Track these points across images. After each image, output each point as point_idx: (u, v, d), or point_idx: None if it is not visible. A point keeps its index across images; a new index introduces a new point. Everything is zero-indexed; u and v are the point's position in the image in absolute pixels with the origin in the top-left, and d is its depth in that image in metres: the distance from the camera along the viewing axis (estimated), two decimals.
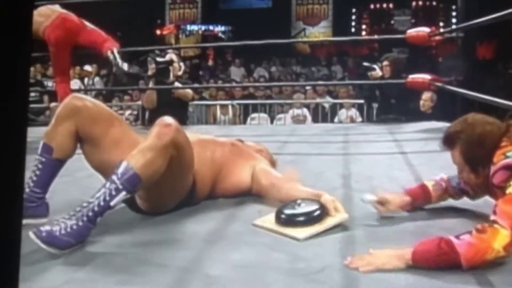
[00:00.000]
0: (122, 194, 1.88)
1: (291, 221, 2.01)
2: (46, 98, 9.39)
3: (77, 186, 2.59)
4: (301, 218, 2.00)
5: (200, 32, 17.65)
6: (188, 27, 17.80)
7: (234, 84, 10.15)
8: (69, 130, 2.13)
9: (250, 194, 2.43)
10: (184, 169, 2.15)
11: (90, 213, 1.84)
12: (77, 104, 2.17)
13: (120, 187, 1.87)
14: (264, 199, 2.33)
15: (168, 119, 2.04)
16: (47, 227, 1.79)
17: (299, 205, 2.05)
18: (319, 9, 17.14)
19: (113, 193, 1.87)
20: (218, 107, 7.80)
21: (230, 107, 7.75)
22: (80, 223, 1.83)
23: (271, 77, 12.41)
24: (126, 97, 9.21)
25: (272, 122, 7.60)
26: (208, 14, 17.89)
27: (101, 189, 1.89)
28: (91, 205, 1.85)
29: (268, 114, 7.79)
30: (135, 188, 1.93)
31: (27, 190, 2.08)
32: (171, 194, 2.22)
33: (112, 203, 1.87)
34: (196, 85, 7.92)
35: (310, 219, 1.99)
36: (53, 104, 7.82)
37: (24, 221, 1.99)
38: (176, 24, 17.58)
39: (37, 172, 2.10)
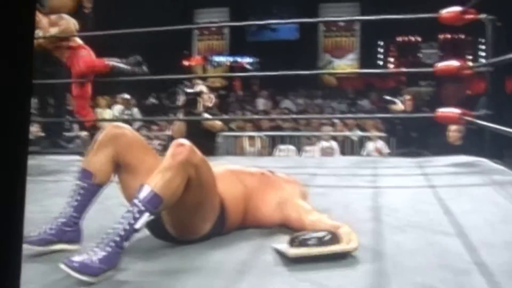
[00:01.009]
0: (145, 216, 1.94)
1: (298, 242, 2.01)
2: (76, 127, 9.56)
3: (107, 214, 2.62)
4: (310, 241, 2.00)
5: (227, 63, 17.82)
6: (216, 59, 17.99)
7: (262, 115, 10.21)
8: (109, 156, 2.23)
9: (279, 225, 2.44)
10: (205, 188, 2.19)
11: (117, 238, 1.89)
12: (116, 131, 2.28)
13: (142, 208, 1.93)
14: (291, 230, 2.34)
15: (181, 140, 2.13)
16: (77, 258, 1.84)
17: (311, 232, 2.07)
18: (347, 41, 17.22)
19: (136, 215, 1.92)
20: (246, 139, 7.85)
21: (258, 138, 7.79)
22: (108, 249, 1.87)
23: (297, 109, 12.45)
24: (154, 127, 9.33)
25: (299, 154, 7.62)
26: (235, 46, 18.08)
27: (124, 214, 1.94)
28: (116, 230, 1.90)
29: (295, 146, 7.82)
30: (157, 209, 1.98)
31: (65, 212, 2.15)
32: (198, 217, 2.25)
33: (136, 226, 1.92)
34: (224, 116, 7.98)
35: (312, 242, 2.00)
36: (84, 133, 7.94)
37: (59, 246, 2.07)
38: (203, 55, 17.78)
39: (77, 197, 2.17)
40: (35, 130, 8.11)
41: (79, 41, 5.65)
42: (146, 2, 14.89)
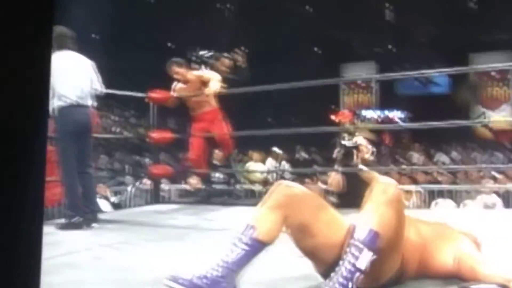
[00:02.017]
0: (365, 253, 1.96)
1: None
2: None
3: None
4: None
5: (376, 117, 17.70)
6: (364, 113, 17.92)
7: (417, 167, 9.98)
8: (280, 217, 2.20)
9: (455, 276, 2.37)
10: (400, 229, 2.18)
11: (343, 280, 1.93)
12: (289, 193, 2.26)
13: (361, 246, 1.97)
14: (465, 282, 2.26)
15: (386, 177, 2.21)
16: None
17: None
18: (500, 92, 16.55)
19: (356, 254, 1.96)
20: (401, 192, 7.68)
21: (414, 192, 7.60)
22: None
23: (452, 163, 12.05)
24: (307, 180, 9.39)
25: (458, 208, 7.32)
26: (384, 100, 17.94)
27: (343, 256, 1.99)
28: (339, 272, 1.95)
29: (454, 201, 7.52)
30: (375, 245, 1.99)
31: (223, 265, 2.09)
32: (388, 261, 2.22)
33: (359, 265, 1.95)
34: (381, 167, 7.88)
35: None
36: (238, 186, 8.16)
37: None
38: (351, 110, 17.79)
39: (239, 252, 2.12)
40: (194, 182, 8.48)
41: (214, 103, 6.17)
42: (291, 57, 15.32)
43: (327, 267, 2.19)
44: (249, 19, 15.42)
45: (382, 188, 2.11)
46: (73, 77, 4.59)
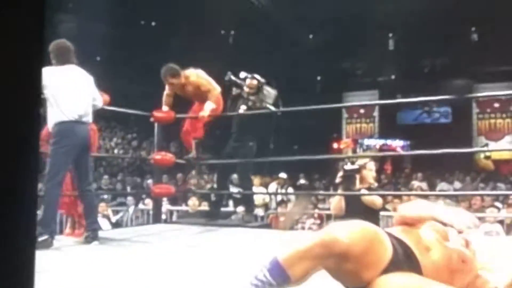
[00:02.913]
0: None
1: None
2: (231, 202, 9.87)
3: None
4: None
5: (377, 146, 17.74)
6: (365, 142, 17.97)
7: (419, 193, 9.93)
8: (317, 266, 2.01)
9: None
10: None
11: None
12: (334, 247, 1.97)
13: None
14: None
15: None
16: None
17: None
18: (502, 123, 16.62)
19: None
20: None
21: None
22: None
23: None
24: (310, 206, 9.37)
25: None
26: (385, 129, 17.99)
27: None
28: None
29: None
30: None
31: None
32: None
33: None
34: (383, 192, 7.86)
35: None
36: (241, 209, 8.13)
37: None
38: (353, 138, 17.84)
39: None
40: (194, 203, 8.46)
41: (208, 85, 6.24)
42: (294, 86, 15.37)
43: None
44: (253, 46, 15.50)
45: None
46: (77, 92, 4.51)
